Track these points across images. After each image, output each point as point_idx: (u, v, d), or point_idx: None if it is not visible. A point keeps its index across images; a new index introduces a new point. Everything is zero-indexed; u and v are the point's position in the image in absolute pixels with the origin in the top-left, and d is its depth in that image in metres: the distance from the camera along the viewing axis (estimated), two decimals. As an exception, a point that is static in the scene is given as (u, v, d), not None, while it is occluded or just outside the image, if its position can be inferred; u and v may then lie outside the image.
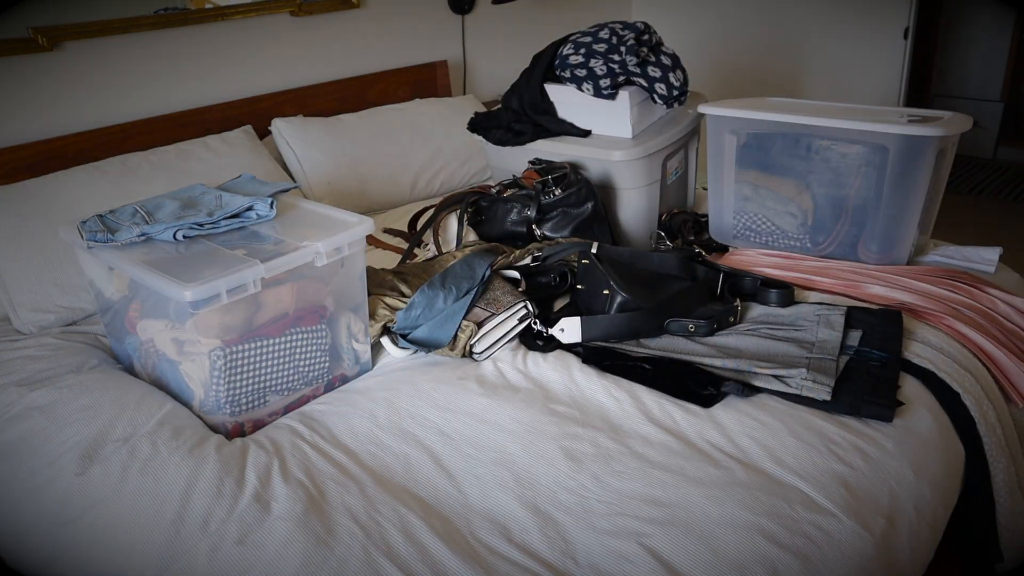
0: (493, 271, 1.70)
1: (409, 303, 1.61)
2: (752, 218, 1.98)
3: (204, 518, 1.21)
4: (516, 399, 1.46)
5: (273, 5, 2.40)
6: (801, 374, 1.42)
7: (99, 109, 2.12)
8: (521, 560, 1.13)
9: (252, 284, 1.37)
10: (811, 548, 1.14)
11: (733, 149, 1.93)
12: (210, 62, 2.31)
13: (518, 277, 1.77)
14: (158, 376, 1.54)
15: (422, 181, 2.49)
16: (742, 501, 1.21)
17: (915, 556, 1.24)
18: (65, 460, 1.33)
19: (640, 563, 1.11)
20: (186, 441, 1.35)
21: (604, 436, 1.36)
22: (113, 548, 1.20)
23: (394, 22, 2.74)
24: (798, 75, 3.39)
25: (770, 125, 1.86)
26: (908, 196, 1.76)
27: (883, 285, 1.75)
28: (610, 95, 2.02)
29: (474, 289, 1.62)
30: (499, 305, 1.62)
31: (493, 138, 2.17)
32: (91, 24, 2.05)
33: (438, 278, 1.63)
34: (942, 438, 1.40)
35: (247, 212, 1.55)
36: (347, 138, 2.40)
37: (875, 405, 1.38)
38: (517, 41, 3.05)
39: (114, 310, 1.60)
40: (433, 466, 1.32)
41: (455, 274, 1.64)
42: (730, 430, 1.37)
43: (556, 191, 1.94)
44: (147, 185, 1.95)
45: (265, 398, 1.48)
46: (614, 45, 2.05)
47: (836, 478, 1.26)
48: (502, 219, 1.99)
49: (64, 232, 1.54)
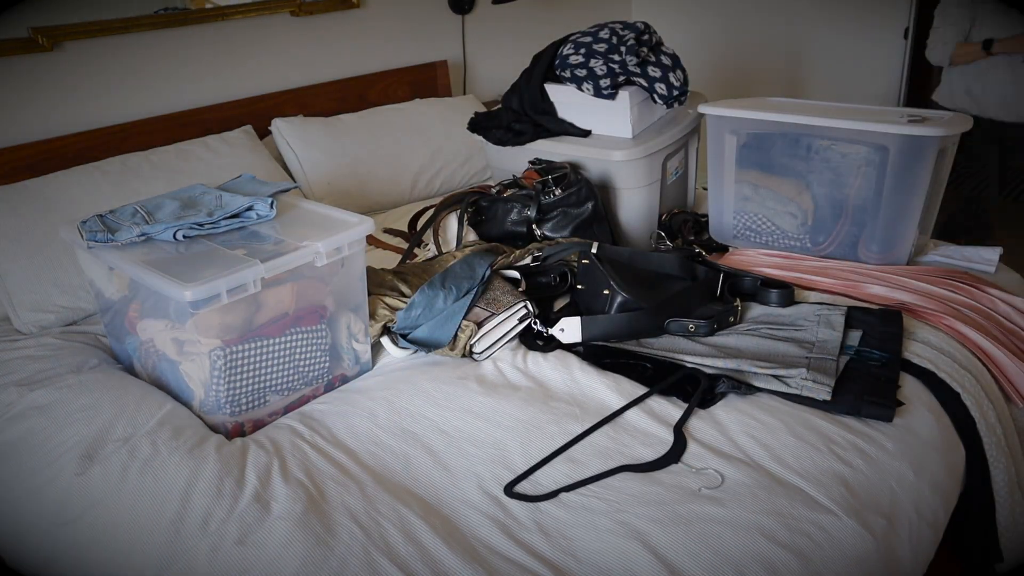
0: (493, 271, 1.70)
1: (409, 303, 1.61)
2: (752, 218, 1.98)
3: (204, 518, 1.21)
4: (516, 398, 1.46)
5: (273, 5, 2.40)
6: (801, 374, 1.42)
7: (99, 109, 2.12)
8: (521, 559, 1.13)
9: (252, 284, 1.37)
10: (811, 547, 1.14)
11: (733, 149, 1.93)
12: (210, 62, 2.31)
13: (518, 277, 1.77)
14: (158, 376, 1.54)
15: (422, 181, 2.49)
16: (742, 500, 1.21)
17: (915, 556, 1.24)
18: (65, 460, 1.33)
19: (641, 561, 1.11)
20: (186, 441, 1.35)
21: (604, 435, 1.36)
22: (113, 548, 1.20)
23: (394, 22, 2.74)
24: (798, 75, 3.39)
25: (770, 125, 1.86)
26: (908, 196, 1.76)
27: (883, 285, 1.75)
28: (610, 95, 2.02)
29: (474, 289, 1.62)
30: (499, 305, 1.62)
31: (493, 138, 2.17)
32: (91, 24, 2.05)
33: (438, 278, 1.63)
34: (942, 438, 1.40)
35: (247, 212, 1.55)
36: (347, 138, 2.40)
37: (875, 405, 1.38)
38: (517, 41, 3.06)
39: (114, 310, 1.60)
40: (433, 465, 1.32)
41: (455, 274, 1.64)
42: (730, 429, 1.37)
43: (556, 191, 1.94)
44: (147, 185, 1.95)
45: (265, 398, 1.48)
46: (614, 45, 2.05)
47: (836, 477, 1.26)
48: (502, 219, 1.99)
49: (64, 232, 1.54)
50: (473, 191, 2.07)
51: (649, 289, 1.69)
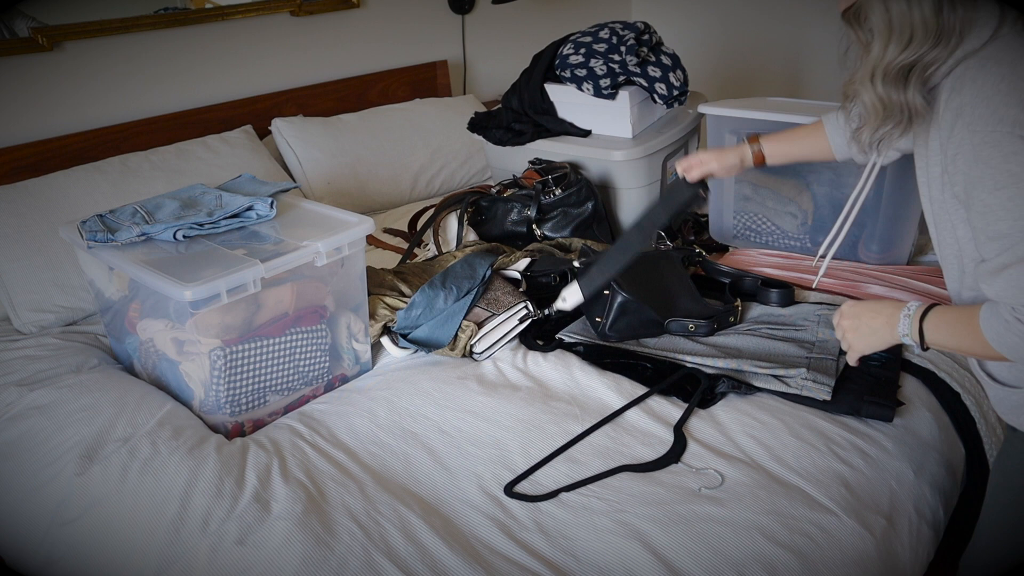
0: (494, 271, 1.70)
1: (410, 303, 1.61)
2: (752, 218, 1.98)
3: (204, 518, 1.21)
4: (516, 397, 1.46)
5: (273, 5, 2.40)
6: (801, 374, 1.42)
7: (99, 109, 2.12)
8: (522, 559, 1.13)
9: (252, 284, 1.37)
10: (811, 547, 1.14)
11: (733, 149, 1.93)
12: (210, 62, 2.31)
13: (518, 277, 1.77)
14: (158, 376, 1.54)
15: (422, 181, 2.49)
16: (742, 500, 1.21)
17: (915, 555, 1.24)
18: (65, 460, 1.33)
19: (640, 561, 1.11)
20: (186, 441, 1.35)
21: (604, 434, 1.36)
22: (113, 548, 1.20)
23: (394, 22, 2.74)
24: (798, 75, 3.38)
25: (771, 125, 1.85)
26: (908, 196, 1.76)
27: (883, 285, 1.75)
28: (610, 95, 2.02)
29: (475, 289, 1.62)
30: (499, 305, 1.62)
31: (493, 138, 2.17)
32: (91, 24, 2.05)
33: (439, 278, 1.63)
34: (942, 438, 1.40)
35: (247, 212, 1.55)
36: (347, 138, 2.40)
37: (875, 405, 1.38)
38: (517, 41, 3.05)
39: (114, 310, 1.60)
40: (433, 465, 1.32)
41: (456, 274, 1.64)
42: (730, 429, 1.37)
43: (556, 191, 1.94)
44: (147, 185, 1.95)
45: (265, 398, 1.48)
46: (614, 45, 2.05)
47: (836, 477, 1.26)
48: (502, 219, 1.99)
49: (64, 232, 1.54)
50: (473, 191, 2.07)
51: (649, 289, 1.69)
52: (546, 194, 1.95)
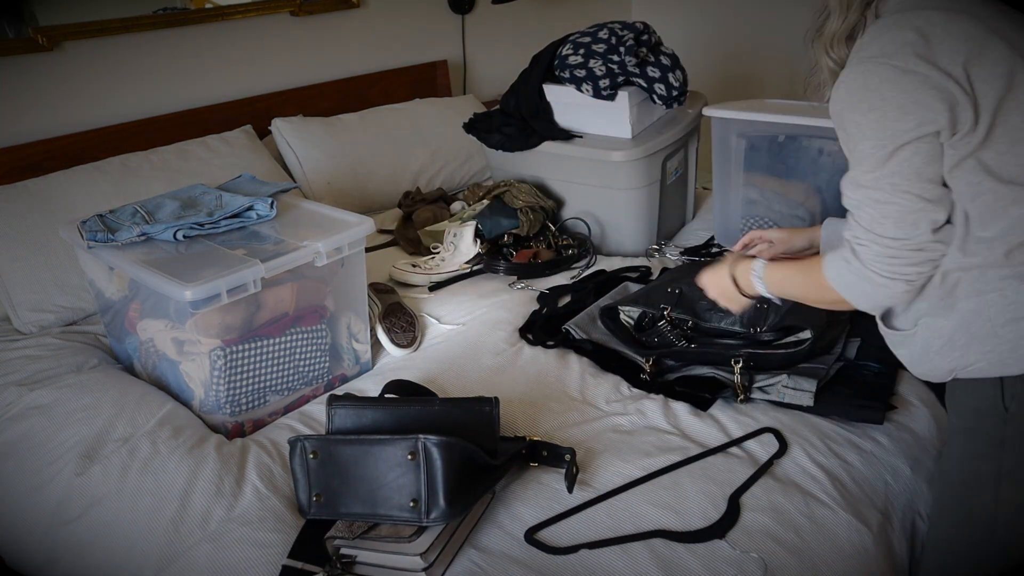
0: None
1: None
2: (759, 221, 1.97)
3: (204, 517, 1.21)
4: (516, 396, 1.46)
5: (273, 5, 2.40)
6: (782, 381, 1.42)
7: (99, 109, 2.12)
8: (522, 558, 1.13)
9: (252, 284, 1.37)
10: (807, 541, 1.14)
11: (741, 153, 1.92)
12: (210, 62, 2.31)
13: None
14: (158, 376, 1.54)
15: (422, 181, 2.49)
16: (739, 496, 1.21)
17: (911, 550, 1.25)
18: (65, 460, 1.33)
19: (640, 559, 1.11)
20: (186, 441, 1.35)
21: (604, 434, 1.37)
22: (113, 548, 1.20)
23: (394, 22, 2.74)
24: (798, 75, 3.38)
25: (779, 128, 1.84)
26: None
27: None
28: (609, 96, 2.02)
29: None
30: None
31: (489, 142, 2.17)
32: (91, 24, 2.05)
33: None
34: (939, 435, 1.40)
35: (247, 212, 1.55)
36: (347, 138, 2.40)
37: (865, 409, 1.38)
38: (517, 41, 3.05)
39: (114, 310, 1.60)
40: (433, 466, 1.32)
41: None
42: (728, 427, 1.37)
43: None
44: (147, 185, 1.95)
45: (265, 398, 1.48)
46: (613, 45, 2.05)
47: (832, 472, 1.27)
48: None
49: (64, 232, 1.55)
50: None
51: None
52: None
